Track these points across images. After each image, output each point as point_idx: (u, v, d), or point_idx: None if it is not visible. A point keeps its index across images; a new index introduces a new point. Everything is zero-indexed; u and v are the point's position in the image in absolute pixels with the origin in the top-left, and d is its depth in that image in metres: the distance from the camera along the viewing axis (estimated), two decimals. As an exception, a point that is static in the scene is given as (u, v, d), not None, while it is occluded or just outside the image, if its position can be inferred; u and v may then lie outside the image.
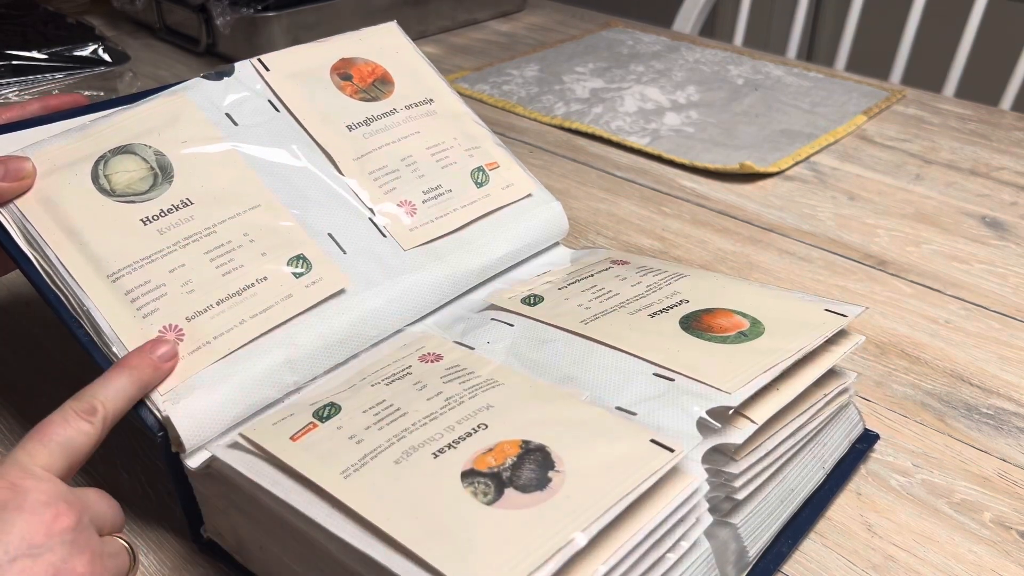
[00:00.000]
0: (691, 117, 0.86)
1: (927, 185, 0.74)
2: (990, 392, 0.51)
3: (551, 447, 0.33)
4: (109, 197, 0.42)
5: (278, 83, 0.51)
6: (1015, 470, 0.46)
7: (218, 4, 0.95)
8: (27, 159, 0.42)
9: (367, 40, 0.56)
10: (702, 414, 0.35)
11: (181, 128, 0.46)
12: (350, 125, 0.51)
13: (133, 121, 0.45)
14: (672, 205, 0.72)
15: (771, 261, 0.64)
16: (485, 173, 0.53)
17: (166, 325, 0.40)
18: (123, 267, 0.41)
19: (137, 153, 0.44)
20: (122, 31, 1.10)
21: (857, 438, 0.46)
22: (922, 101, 0.91)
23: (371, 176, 0.50)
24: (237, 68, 0.51)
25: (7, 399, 0.50)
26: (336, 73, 0.53)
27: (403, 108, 0.53)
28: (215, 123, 0.47)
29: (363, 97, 0.53)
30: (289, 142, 0.49)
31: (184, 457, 0.38)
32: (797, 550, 0.41)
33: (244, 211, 0.44)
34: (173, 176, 0.44)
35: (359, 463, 0.33)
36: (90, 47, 0.77)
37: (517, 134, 0.84)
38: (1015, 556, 0.41)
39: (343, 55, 0.54)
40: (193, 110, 0.47)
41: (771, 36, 1.96)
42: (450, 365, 0.40)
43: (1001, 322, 0.57)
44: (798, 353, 0.39)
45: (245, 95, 0.49)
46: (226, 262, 0.42)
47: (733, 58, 1.02)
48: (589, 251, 0.54)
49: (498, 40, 1.10)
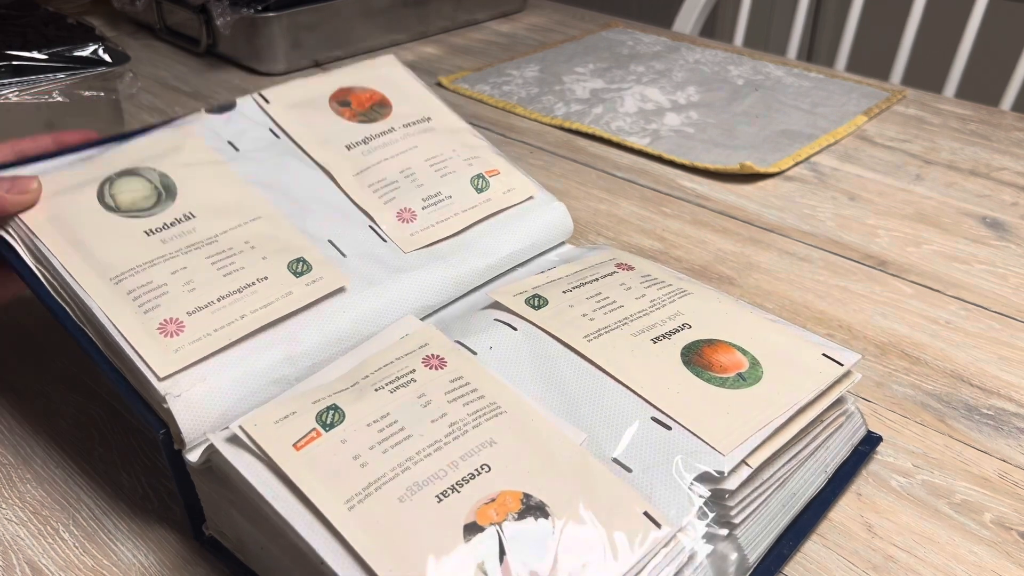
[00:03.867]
0: (691, 117, 0.86)
1: (927, 185, 0.74)
2: (990, 392, 0.51)
3: (550, 507, 0.34)
4: (114, 213, 0.44)
5: (278, 113, 0.53)
6: (1015, 470, 0.46)
7: (218, 5, 0.95)
8: (34, 178, 0.44)
9: (365, 71, 0.58)
10: (695, 484, 0.36)
11: (185, 154, 0.48)
12: (349, 145, 0.52)
13: (138, 148, 0.47)
14: (672, 205, 0.72)
15: (771, 261, 0.64)
16: (485, 180, 0.53)
17: (167, 319, 0.40)
18: (126, 271, 0.42)
19: (142, 175, 0.46)
20: (122, 32, 1.10)
21: (860, 440, 0.46)
22: (922, 101, 0.91)
23: (370, 188, 0.51)
24: (239, 103, 0.53)
25: (7, 399, 0.50)
26: (335, 101, 0.55)
27: (401, 127, 0.55)
28: (218, 149, 0.49)
29: (361, 120, 0.54)
30: (289, 162, 0.51)
31: (185, 452, 0.38)
32: (798, 551, 0.41)
33: (245, 222, 0.46)
34: (176, 194, 0.46)
35: (363, 493, 0.33)
36: (90, 47, 0.77)
37: (517, 134, 0.84)
38: (1015, 557, 0.41)
39: (342, 85, 0.56)
40: (196, 139, 0.49)
41: (771, 36, 1.97)
42: (454, 376, 0.40)
43: (1001, 322, 0.57)
44: (793, 407, 0.40)
45: (246, 126, 0.52)
46: (227, 264, 0.43)
47: (733, 58, 1.02)
48: (593, 248, 0.54)
49: (498, 40, 1.10)
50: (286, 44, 0.97)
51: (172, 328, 0.40)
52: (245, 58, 0.99)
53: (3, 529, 0.42)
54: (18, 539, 0.41)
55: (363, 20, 1.02)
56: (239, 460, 0.35)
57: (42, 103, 0.74)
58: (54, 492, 0.44)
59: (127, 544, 0.41)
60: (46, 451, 0.47)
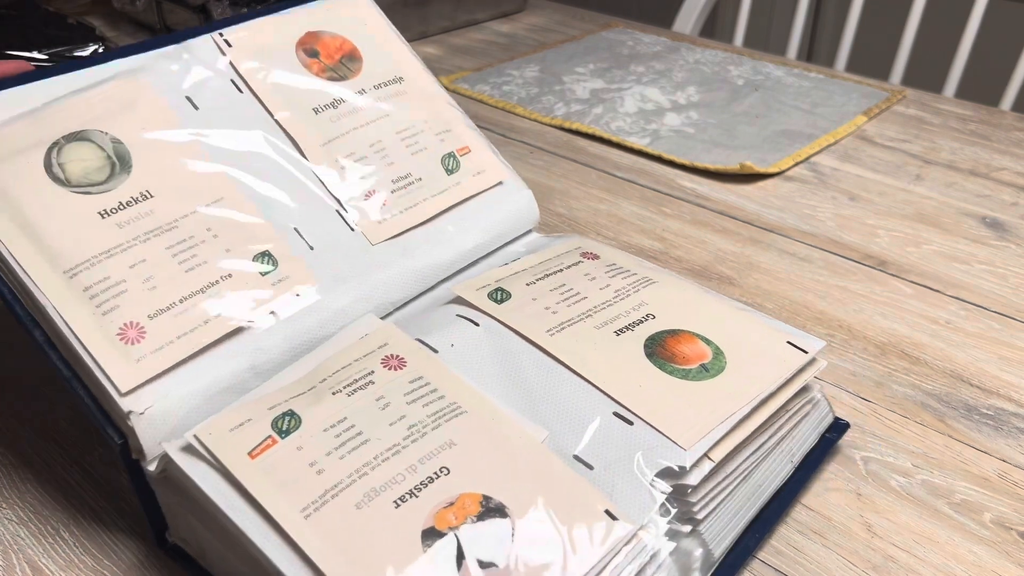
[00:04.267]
0: (691, 118, 0.86)
1: (927, 185, 0.74)
2: (990, 392, 0.51)
3: (510, 508, 0.34)
4: (64, 187, 0.40)
5: (241, 62, 0.48)
6: (1015, 470, 0.46)
7: (218, 4, 0.95)
8: None
9: (335, 10, 0.53)
10: (656, 480, 0.36)
11: (139, 113, 0.43)
12: (316, 108, 0.49)
13: (87, 106, 0.43)
14: (672, 205, 0.72)
15: (771, 261, 0.64)
16: (456, 159, 0.52)
17: (127, 323, 0.38)
18: (80, 262, 0.39)
19: (93, 140, 0.42)
20: (122, 32, 1.10)
21: (827, 428, 0.46)
22: (922, 101, 0.91)
23: (338, 163, 0.48)
24: (197, 43, 0.48)
25: (7, 400, 0.50)
26: (302, 49, 0.51)
27: (372, 88, 0.52)
28: (175, 108, 0.45)
29: (330, 76, 0.51)
30: (252, 128, 0.47)
31: (144, 463, 0.37)
32: (798, 551, 0.41)
33: (207, 204, 0.42)
34: (132, 166, 0.42)
35: (319, 500, 0.33)
36: (90, 48, 0.77)
37: (517, 134, 0.84)
38: (1015, 556, 0.41)
39: (310, 28, 0.52)
40: (151, 94, 0.44)
41: (771, 36, 1.97)
42: (413, 377, 0.39)
43: (1001, 322, 0.57)
44: (756, 398, 0.39)
45: (206, 76, 0.47)
46: (189, 258, 0.41)
47: (733, 59, 1.02)
48: (560, 237, 0.53)
49: (498, 41, 1.10)
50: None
51: (133, 334, 0.38)
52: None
53: (3, 529, 0.42)
54: (18, 539, 0.41)
55: (363, 20, 1.02)
56: (194, 470, 0.34)
57: (42, 103, 0.74)
58: (54, 492, 0.44)
59: (128, 544, 0.41)
60: (46, 451, 0.47)
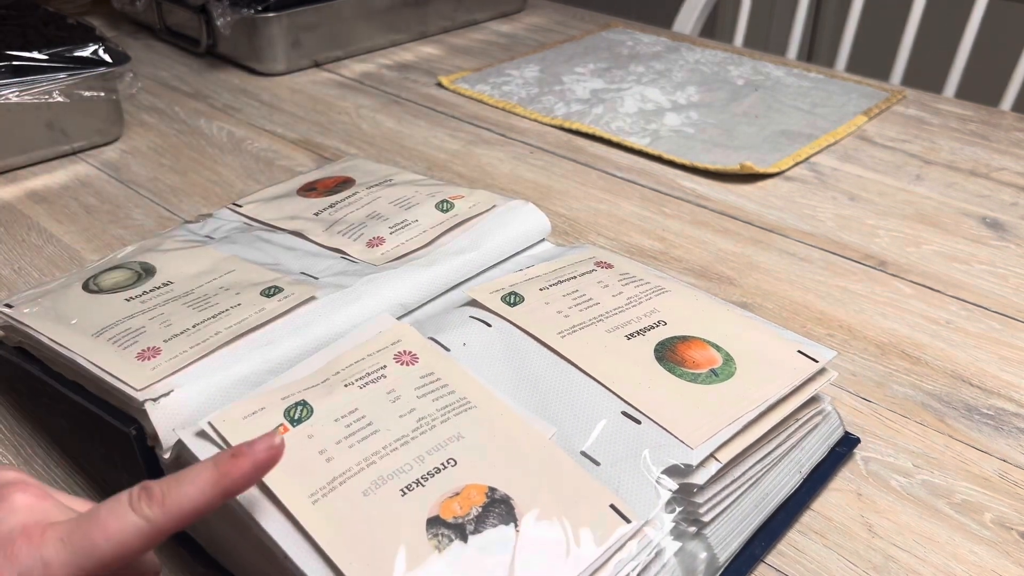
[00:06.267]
0: (691, 118, 0.86)
1: (927, 186, 0.74)
2: (990, 392, 0.51)
3: (515, 500, 0.34)
4: (97, 294, 0.47)
5: (250, 210, 0.58)
6: (1015, 470, 0.46)
7: (218, 5, 0.95)
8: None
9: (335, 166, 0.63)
10: (662, 478, 0.36)
11: (164, 245, 0.52)
12: (317, 212, 0.56)
13: (122, 255, 0.52)
14: (672, 206, 0.72)
15: (771, 261, 0.64)
16: (450, 203, 0.55)
17: (144, 348, 0.42)
18: (106, 326, 0.44)
19: (125, 267, 0.50)
20: (123, 32, 1.10)
21: (837, 441, 0.46)
22: (922, 102, 0.91)
23: (339, 234, 0.53)
24: (215, 213, 0.58)
25: (7, 399, 0.50)
26: (302, 192, 0.60)
27: (365, 188, 0.58)
28: (195, 241, 0.54)
29: (327, 195, 0.58)
30: (260, 235, 0.54)
31: (160, 451, 0.38)
32: (799, 551, 0.41)
33: (220, 276, 0.48)
34: (156, 272, 0.49)
35: (327, 487, 0.34)
36: (90, 48, 0.77)
37: (517, 135, 0.84)
38: (1015, 556, 0.41)
39: (307, 180, 0.61)
40: (174, 236, 0.54)
41: (771, 37, 1.97)
42: (424, 373, 0.40)
43: (1001, 322, 0.57)
44: (763, 404, 0.39)
45: (220, 223, 0.56)
46: (203, 305, 0.45)
47: (733, 59, 1.02)
48: (574, 247, 0.54)
49: (498, 41, 1.10)
50: (286, 44, 0.97)
51: (149, 354, 0.41)
52: (245, 58, 0.99)
53: (3, 529, 0.42)
54: (18, 539, 0.41)
55: (363, 20, 1.02)
56: (206, 455, 0.35)
57: (42, 103, 0.75)
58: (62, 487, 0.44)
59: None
60: (46, 451, 0.47)
